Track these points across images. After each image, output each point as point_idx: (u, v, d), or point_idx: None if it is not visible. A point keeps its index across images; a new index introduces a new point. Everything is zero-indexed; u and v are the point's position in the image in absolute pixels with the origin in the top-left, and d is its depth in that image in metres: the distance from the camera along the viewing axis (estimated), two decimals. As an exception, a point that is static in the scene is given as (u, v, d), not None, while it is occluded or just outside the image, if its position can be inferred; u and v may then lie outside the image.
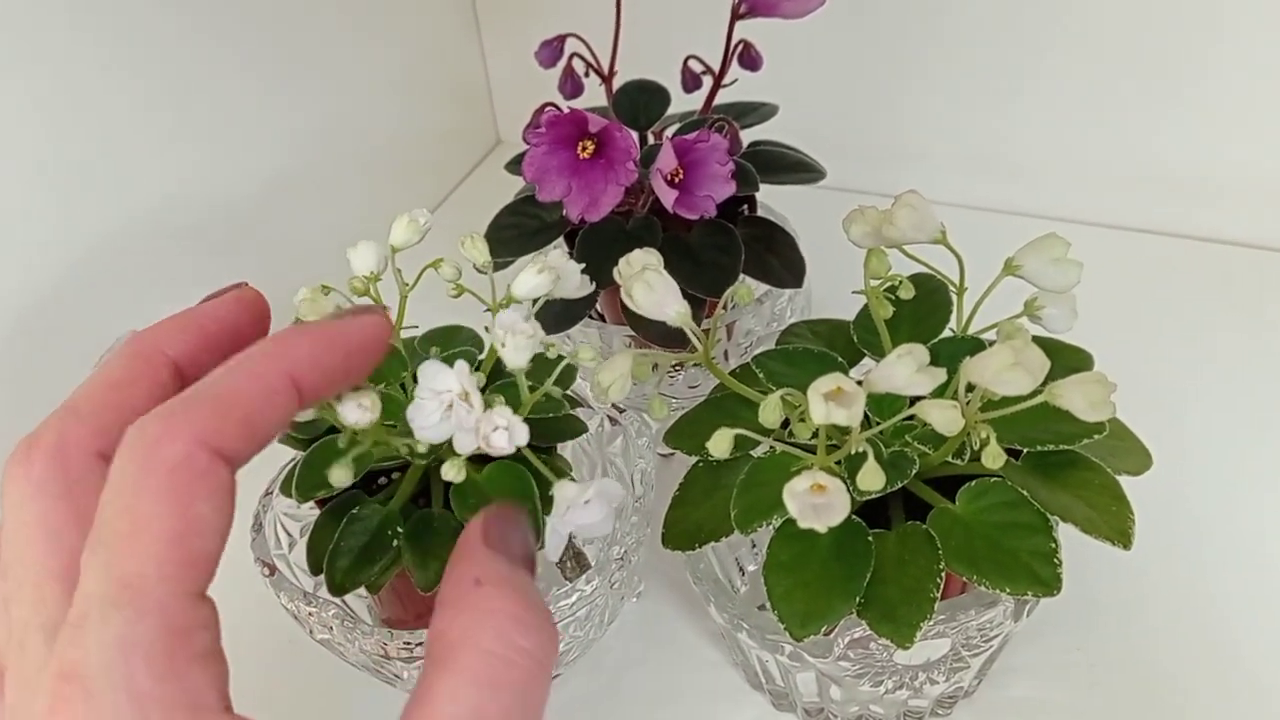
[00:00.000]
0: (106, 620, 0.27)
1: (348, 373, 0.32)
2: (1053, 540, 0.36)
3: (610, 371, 0.38)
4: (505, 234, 0.54)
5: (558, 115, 0.48)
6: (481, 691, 0.27)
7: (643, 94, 0.57)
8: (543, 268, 0.39)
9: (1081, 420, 0.33)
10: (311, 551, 0.42)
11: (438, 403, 0.34)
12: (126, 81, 0.54)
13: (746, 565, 0.49)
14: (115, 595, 0.27)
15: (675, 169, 0.48)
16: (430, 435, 0.35)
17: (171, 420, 0.28)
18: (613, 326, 0.55)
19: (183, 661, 0.28)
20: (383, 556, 0.40)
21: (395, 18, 0.73)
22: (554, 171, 0.49)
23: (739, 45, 0.53)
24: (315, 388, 0.31)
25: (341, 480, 0.36)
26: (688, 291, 0.47)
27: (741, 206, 0.56)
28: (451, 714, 0.27)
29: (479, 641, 0.28)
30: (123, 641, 0.27)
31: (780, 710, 0.47)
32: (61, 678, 0.27)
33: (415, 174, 0.78)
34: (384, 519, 0.41)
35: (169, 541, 0.28)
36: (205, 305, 0.34)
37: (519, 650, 0.28)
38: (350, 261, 0.40)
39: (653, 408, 0.40)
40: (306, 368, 0.30)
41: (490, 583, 0.29)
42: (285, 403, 0.30)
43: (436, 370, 0.35)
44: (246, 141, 0.62)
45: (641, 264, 0.38)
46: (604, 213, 0.48)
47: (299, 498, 0.41)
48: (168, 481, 0.28)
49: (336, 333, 0.31)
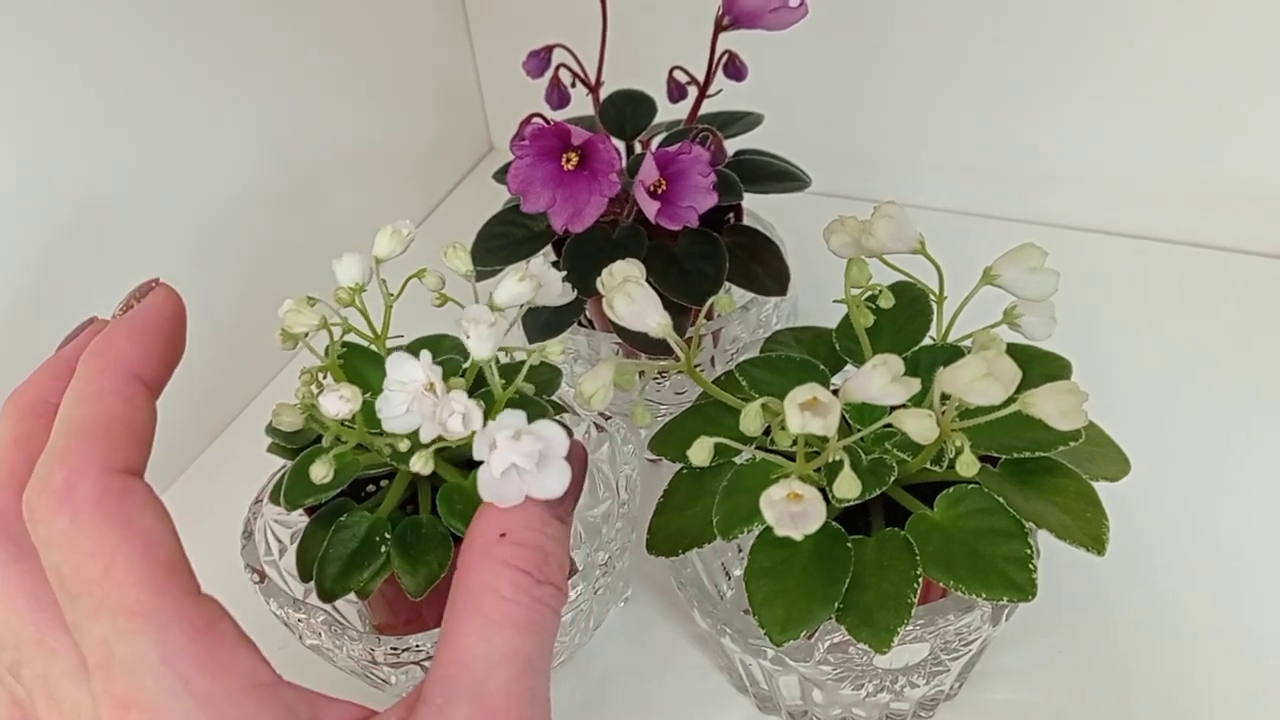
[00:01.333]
0: (135, 647, 0.28)
1: (174, 350, 0.34)
2: (1028, 546, 0.37)
3: (593, 381, 0.38)
4: (493, 243, 0.55)
5: (541, 128, 0.49)
6: (505, 632, 0.30)
7: (629, 104, 0.57)
8: (524, 275, 0.40)
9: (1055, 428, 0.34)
10: (301, 558, 0.42)
11: (404, 394, 0.35)
12: (108, 90, 0.55)
13: (733, 570, 0.50)
14: (129, 626, 0.29)
15: (658, 180, 0.49)
16: (397, 426, 0.36)
17: (68, 461, 0.30)
18: (601, 333, 0.56)
19: (224, 652, 0.29)
20: (371, 562, 0.41)
21: (386, 24, 0.73)
22: (538, 183, 0.49)
23: (724, 56, 0.54)
24: (156, 377, 0.33)
25: (322, 476, 0.36)
26: (673, 300, 0.48)
27: (727, 215, 0.56)
28: (484, 654, 0.30)
29: (499, 589, 0.31)
30: (164, 657, 0.28)
31: (765, 713, 0.48)
32: (123, 708, 0.28)
33: (407, 181, 0.78)
34: (372, 525, 0.42)
35: (142, 563, 0.29)
36: (69, 347, 0.35)
37: (533, 599, 0.31)
38: (335, 273, 0.41)
39: (636, 415, 0.41)
40: (140, 363, 0.33)
41: (512, 537, 0.32)
42: (144, 403, 0.32)
43: (402, 361, 0.36)
44: (237, 149, 0.63)
45: (624, 275, 0.39)
46: (588, 223, 0.49)
47: (288, 505, 0.41)
48: (103, 514, 0.29)
49: (145, 320, 0.34)
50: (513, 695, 0.31)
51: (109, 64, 0.54)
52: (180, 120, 0.58)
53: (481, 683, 0.30)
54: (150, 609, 0.29)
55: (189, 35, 0.58)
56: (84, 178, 0.54)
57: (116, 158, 0.55)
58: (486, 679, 0.30)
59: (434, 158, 0.81)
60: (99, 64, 0.54)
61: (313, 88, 0.67)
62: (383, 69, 0.74)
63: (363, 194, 0.73)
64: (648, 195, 0.48)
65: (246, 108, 0.63)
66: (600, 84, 0.56)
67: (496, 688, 0.30)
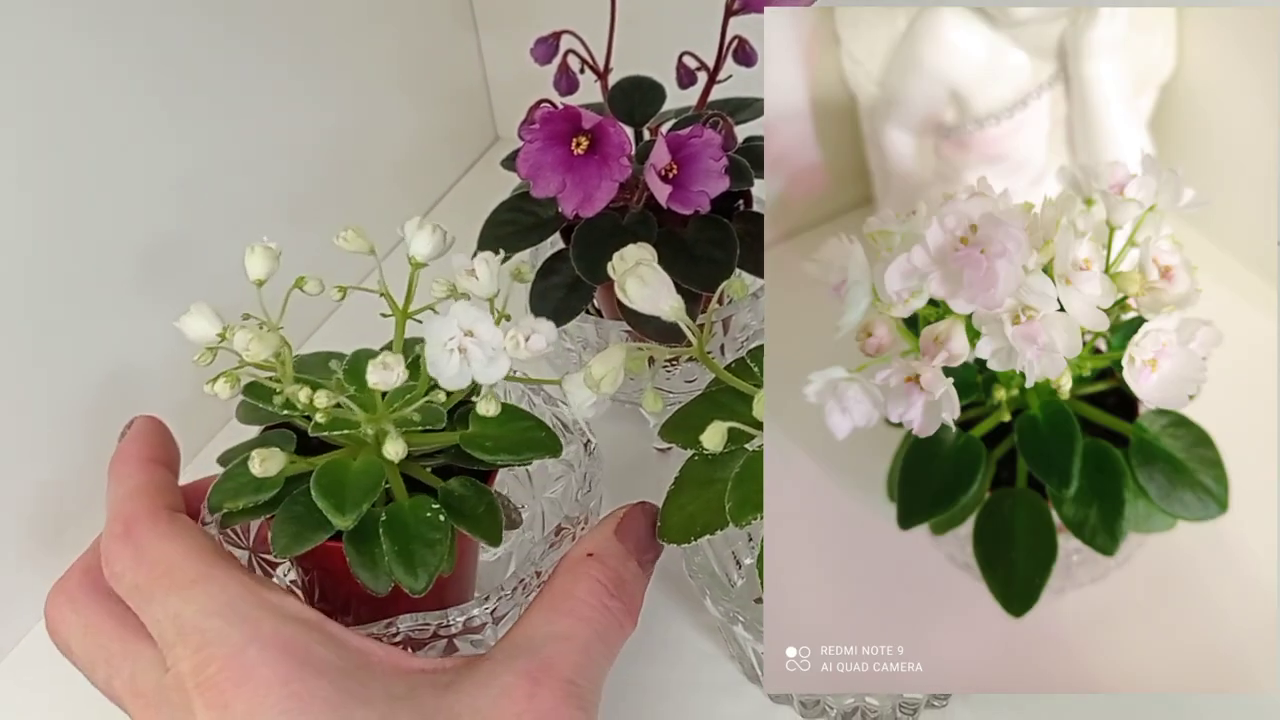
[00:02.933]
0: (201, 603, 0.37)
1: (169, 442, 0.45)
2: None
3: (604, 364, 0.38)
4: (502, 230, 0.54)
5: (551, 112, 0.48)
6: (569, 620, 0.38)
7: (638, 90, 0.57)
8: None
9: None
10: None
11: (448, 351, 0.37)
12: (122, 81, 0.54)
13: (743, 559, 0.50)
14: (192, 590, 0.37)
15: (669, 164, 0.48)
16: (457, 382, 0.38)
17: (122, 514, 0.40)
18: (609, 321, 0.56)
19: (272, 595, 0.38)
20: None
21: (390, 13, 0.73)
22: (548, 168, 0.49)
23: (733, 41, 0.54)
24: (167, 458, 0.44)
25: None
26: (683, 286, 0.47)
27: (737, 201, 0.56)
28: (547, 630, 0.38)
29: (575, 591, 0.39)
30: (225, 602, 0.37)
31: (777, 703, 0.48)
32: (201, 658, 0.35)
33: (412, 171, 0.78)
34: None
35: (196, 555, 0.39)
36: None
37: (603, 604, 0.39)
38: (247, 268, 0.42)
39: (647, 401, 0.41)
40: (149, 450, 0.44)
41: (598, 557, 0.40)
42: (163, 472, 0.43)
43: (431, 323, 0.37)
44: (239, 137, 0.62)
45: (635, 259, 0.38)
46: (598, 208, 0.49)
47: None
48: (156, 536, 0.39)
49: (139, 431, 0.45)
50: (565, 659, 0.37)
51: (119, 60, 0.54)
52: (186, 109, 0.58)
53: (538, 647, 0.37)
54: (206, 576, 0.38)
55: (198, 28, 0.58)
56: (95, 175, 0.54)
57: (119, 157, 0.55)
58: (543, 645, 0.37)
59: (439, 147, 0.81)
60: (107, 62, 0.53)
61: (316, 76, 0.67)
62: (387, 58, 0.73)
63: (367, 183, 0.73)
64: (659, 179, 0.48)
65: (249, 97, 0.62)
66: (609, 70, 0.55)
67: (551, 651, 0.37)
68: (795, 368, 0.38)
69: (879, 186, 0.57)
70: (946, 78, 0.51)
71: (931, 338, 0.36)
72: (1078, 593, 0.44)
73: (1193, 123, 0.52)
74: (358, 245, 0.43)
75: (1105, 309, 0.37)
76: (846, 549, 0.45)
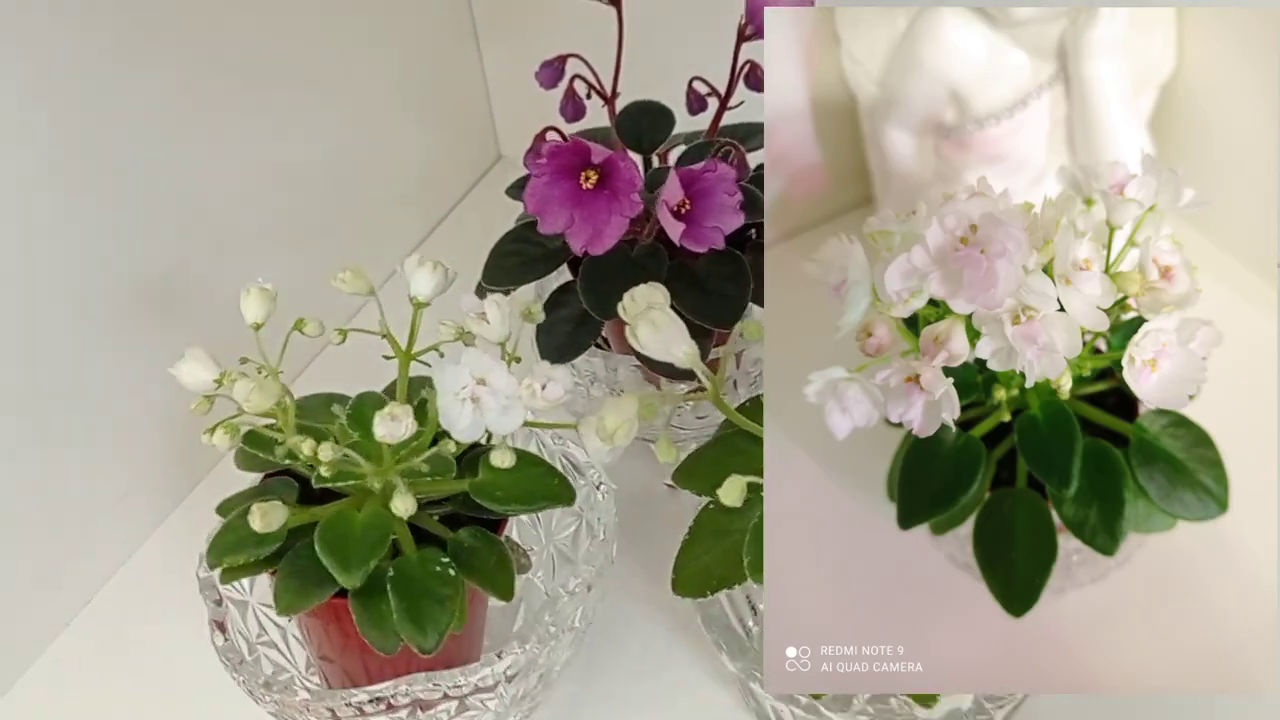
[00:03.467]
0: None
1: None
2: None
3: (618, 414, 0.37)
4: (508, 261, 0.53)
5: (559, 145, 0.47)
6: None
7: (646, 116, 0.55)
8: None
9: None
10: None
11: (460, 401, 0.35)
12: (119, 96, 0.54)
13: (758, 603, 0.48)
14: None
15: (682, 200, 0.47)
16: (470, 434, 0.36)
17: None
18: (618, 355, 0.54)
19: None
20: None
21: (393, 32, 0.72)
22: (556, 203, 0.48)
23: (745, 66, 0.52)
24: None
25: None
26: (694, 321, 0.46)
27: (750, 231, 0.54)
28: None
29: None
30: None
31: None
32: None
33: (415, 191, 0.76)
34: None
35: None
36: None
37: None
38: (243, 312, 0.41)
39: (660, 450, 0.39)
40: None
41: None
42: None
43: (443, 371, 0.35)
44: (242, 156, 0.62)
45: (646, 301, 0.37)
46: (608, 245, 0.48)
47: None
48: None
49: None
50: None
51: (114, 76, 0.53)
52: (187, 132, 0.58)
53: None
54: None
55: (191, 45, 0.57)
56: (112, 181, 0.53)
57: (119, 172, 0.55)
58: None
59: (442, 167, 0.80)
60: (104, 77, 0.53)
61: (318, 95, 0.66)
62: (389, 78, 0.72)
63: (370, 203, 0.72)
64: (672, 216, 0.46)
65: (251, 118, 0.62)
66: (616, 95, 0.54)
67: None
68: (795, 368, 0.37)
69: (879, 186, 0.57)
70: (946, 78, 0.51)
71: (931, 338, 0.36)
72: (1078, 593, 0.44)
73: (1193, 123, 0.52)
74: (356, 287, 0.42)
75: (1105, 309, 0.36)
76: (846, 549, 0.44)
